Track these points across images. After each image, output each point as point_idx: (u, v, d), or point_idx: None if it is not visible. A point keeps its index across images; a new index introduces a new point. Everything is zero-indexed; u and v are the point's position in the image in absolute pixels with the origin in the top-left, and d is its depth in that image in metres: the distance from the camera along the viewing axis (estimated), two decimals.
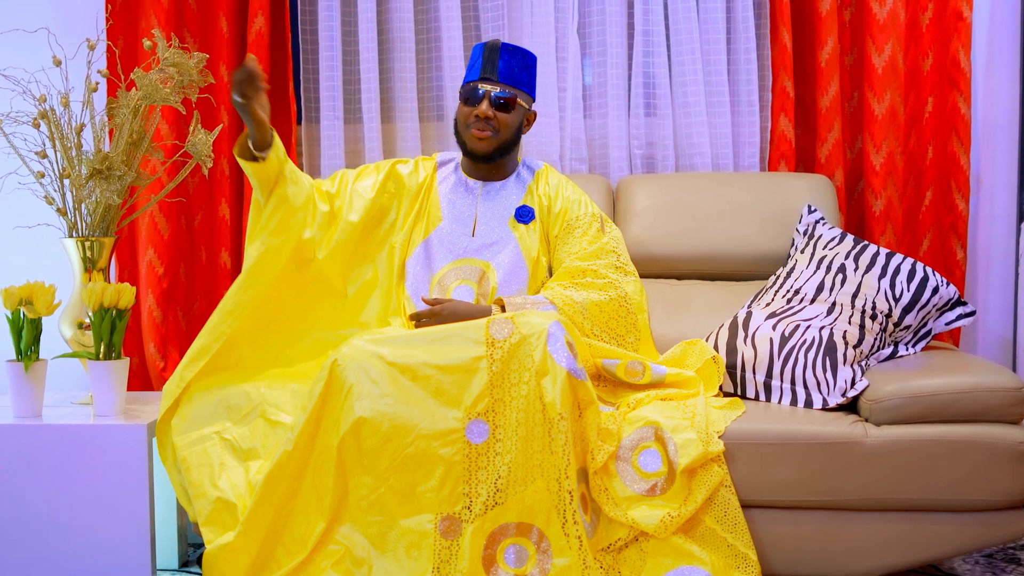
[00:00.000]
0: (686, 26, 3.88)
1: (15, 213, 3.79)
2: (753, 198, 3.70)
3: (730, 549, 2.90)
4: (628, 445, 2.97)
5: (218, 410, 3.05)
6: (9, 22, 3.83)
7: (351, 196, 3.35)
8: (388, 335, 3.04)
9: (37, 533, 3.15)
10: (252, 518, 2.87)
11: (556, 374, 2.85)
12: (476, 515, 2.83)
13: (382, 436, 2.86)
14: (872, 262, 3.31)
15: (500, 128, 3.33)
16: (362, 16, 3.90)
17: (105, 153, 3.31)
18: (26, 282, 3.25)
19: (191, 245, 3.95)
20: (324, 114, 3.94)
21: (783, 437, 2.95)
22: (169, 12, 3.82)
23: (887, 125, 3.82)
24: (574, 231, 3.36)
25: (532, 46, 3.90)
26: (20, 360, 3.24)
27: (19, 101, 3.45)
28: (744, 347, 3.21)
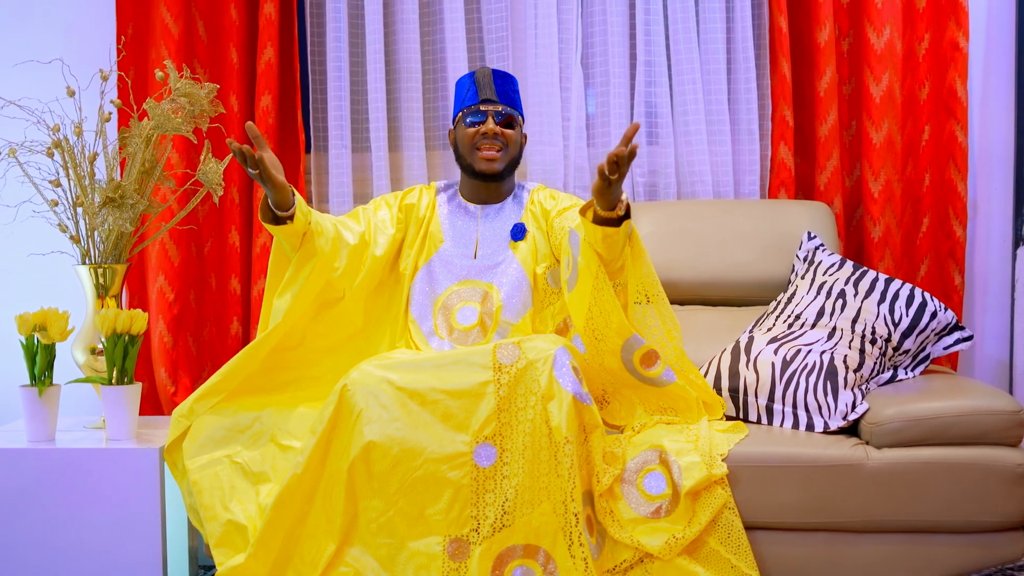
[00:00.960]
0: (687, 56, 3.89)
1: (29, 241, 3.81)
2: (754, 225, 3.71)
3: (734, 570, 2.90)
4: (633, 468, 2.97)
5: (229, 434, 3.05)
6: (24, 53, 3.85)
7: (375, 231, 3.34)
8: (396, 360, 3.04)
9: (52, 555, 3.15)
10: (263, 540, 2.88)
11: (562, 398, 2.86)
12: (484, 537, 2.83)
13: (392, 460, 2.87)
14: (871, 288, 3.32)
15: (508, 143, 3.34)
16: (370, 47, 3.91)
17: (118, 182, 3.32)
18: (40, 308, 3.26)
19: (201, 272, 3.96)
20: (332, 143, 3.95)
21: (785, 460, 2.95)
22: (180, 43, 3.84)
23: (885, 153, 3.84)
24: (574, 206, 3.31)
25: (536, 76, 3.92)
26: (34, 385, 3.25)
27: (33, 131, 3.46)
28: (746, 371, 3.21)
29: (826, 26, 3.82)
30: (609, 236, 2.96)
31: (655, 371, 3.08)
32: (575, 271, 3.07)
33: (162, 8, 3.83)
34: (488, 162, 3.33)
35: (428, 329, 3.33)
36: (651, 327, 3.12)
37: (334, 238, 3.18)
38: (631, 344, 3.05)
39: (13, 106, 3.43)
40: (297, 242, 3.12)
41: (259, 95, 3.87)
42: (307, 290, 3.12)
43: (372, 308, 3.36)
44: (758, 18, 3.93)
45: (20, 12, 3.97)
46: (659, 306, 3.14)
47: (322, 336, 3.24)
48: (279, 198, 3.02)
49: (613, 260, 3.02)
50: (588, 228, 2.98)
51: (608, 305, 3.02)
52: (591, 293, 3.03)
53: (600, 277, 3.01)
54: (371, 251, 3.31)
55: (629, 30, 3.96)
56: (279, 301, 3.12)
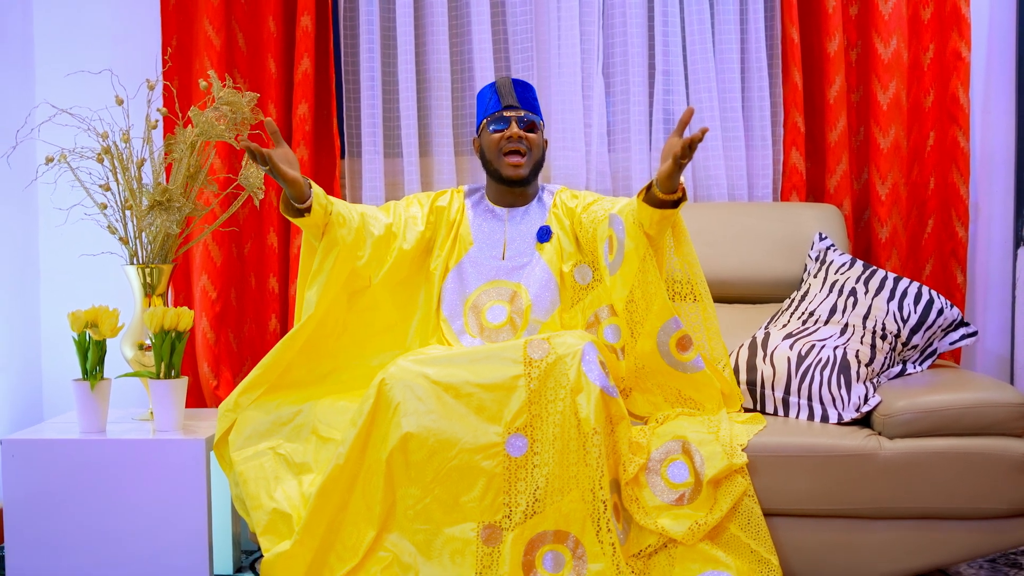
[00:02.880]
0: (703, 66, 3.89)
1: (78, 242, 3.82)
2: (767, 226, 3.72)
3: (753, 555, 2.90)
4: (657, 458, 2.97)
5: (272, 427, 3.06)
6: (71, 63, 3.86)
7: (405, 225, 3.34)
8: (431, 355, 3.05)
9: (103, 540, 3.16)
10: (307, 527, 2.88)
11: (590, 391, 2.87)
12: (516, 523, 2.84)
13: (428, 450, 2.87)
14: (881, 286, 3.32)
15: (532, 147, 3.34)
16: (401, 57, 3.92)
17: (165, 186, 3.33)
18: (91, 306, 3.26)
19: (241, 271, 3.96)
20: (365, 149, 3.95)
21: (802, 450, 2.96)
22: (221, 54, 3.84)
23: (892, 158, 3.84)
24: (600, 200, 3.32)
25: (559, 85, 3.92)
26: (86, 379, 3.25)
27: (83, 137, 3.47)
28: (763, 365, 3.21)
29: (836, 37, 3.82)
30: (666, 217, 2.99)
31: (688, 356, 3.08)
32: (620, 253, 3.08)
33: (205, 21, 3.83)
34: (514, 168, 3.33)
35: (459, 327, 3.33)
36: (693, 324, 3.13)
37: (358, 227, 3.19)
38: (669, 326, 3.06)
39: (64, 114, 3.44)
40: (319, 232, 3.13)
41: (296, 103, 3.87)
42: (333, 279, 3.12)
43: (402, 303, 3.36)
44: (771, 29, 3.93)
45: (69, 24, 3.98)
46: (704, 304, 3.15)
47: (357, 326, 3.24)
48: (294, 192, 3.02)
49: (660, 239, 3.05)
50: (644, 211, 3.00)
51: (652, 287, 3.04)
52: (636, 274, 3.04)
53: (647, 259, 3.03)
54: (399, 243, 3.31)
55: (648, 41, 3.96)
56: (309, 292, 3.13)
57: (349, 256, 3.15)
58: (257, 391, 3.09)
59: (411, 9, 3.92)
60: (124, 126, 3.49)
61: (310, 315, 3.10)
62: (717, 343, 3.19)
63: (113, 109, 3.57)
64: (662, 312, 3.05)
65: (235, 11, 3.92)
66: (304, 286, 3.18)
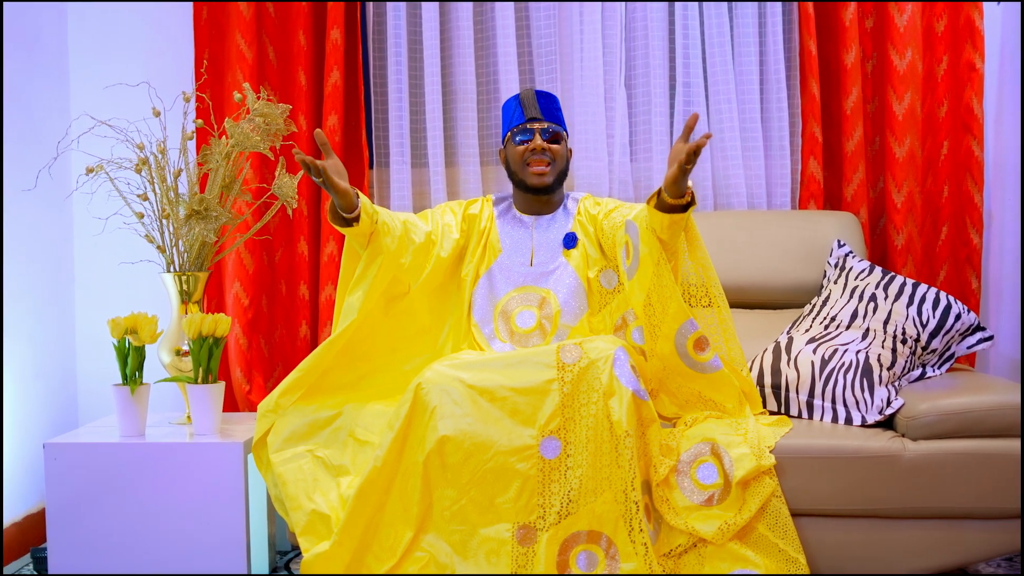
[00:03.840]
0: (723, 78, 3.91)
1: (114, 251, 3.83)
2: (786, 234, 3.72)
3: (781, 554, 2.91)
4: (687, 459, 2.98)
5: (310, 430, 3.06)
6: (106, 76, 3.88)
7: (442, 233, 3.36)
8: (465, 360, 3.05)
9: (143, 541, 3.16)
10: (346, 528, 2.89)
11: (622, 395, 2.87)
12: (550, 524, 2.84)
13: (464, 452, 2.88)
14: (900, 292, 3.33)
15: (556, 158, 3.35)
16: (428, 70, 3.93)
17: (202, 195, 3.33)
18: (130, 313, 3.27)
19: (272, 279, 3.97)
20: (393, 159, 3.96)
21: (828, 451, 2.96)
22: (253, 67, 3.85)
23: (907, 167, 3.85)
24: (619, 207, 3.33)
25: (582, 97, 3.93)
26: (126, 384, 3.25)
27: (119, 148, 3.47)
28: (788, 369, 3.22)
29: (852, 49, 3.83)
30: (676, 222, 2.99)
31: (706, 356, 3.08)
32: (636, 258, 3.09)
33: (237, 35, 3.84)
34: (539, 176, 3.34)
35: (489, 332, 3.34)
36: (710, 327, 3.13)
37: (401, 236, 3.20)
38: (686, 328, 3.05)
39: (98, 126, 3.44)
40: (365, 241, 3.15)
41: (326, 115, 3.88)
42: (376, 286, 3.13)
43: (436, 309, 3.37)
44: (789, 42, 3.94)
45: (103, 38, 3.99)
46: (719, 308, 3.14)
47: (392, 330, 3.24)
48: (344, 202, 3.05)
49: (673, 243, 3.05)
50: (655, 216, 3.00)
51: (667, 290, 3.04)
52: (652, 278, 3.05)
53: (661, 263, 3.03)
54: (436, 251, 3.32)
55: (668, 53, 3.97)
56: (351, 298, 3.14)
57: (392, 263, 3.16)
58: (296, 394, 3.09)
59: (437, 23, 3.93)
60: (159, 137, 3.49)
61: (352, 320, 3.11)
62: (734, 345, 3.19)
63: (149, 121, 3.58)
64: (678, 314, 3.06)
65: (266, 25, 3.93)
66: (345, 292, 3.20)
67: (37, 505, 3.69)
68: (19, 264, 3.64)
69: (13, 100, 3.61)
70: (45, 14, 3.84)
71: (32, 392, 3.70)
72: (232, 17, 3.86)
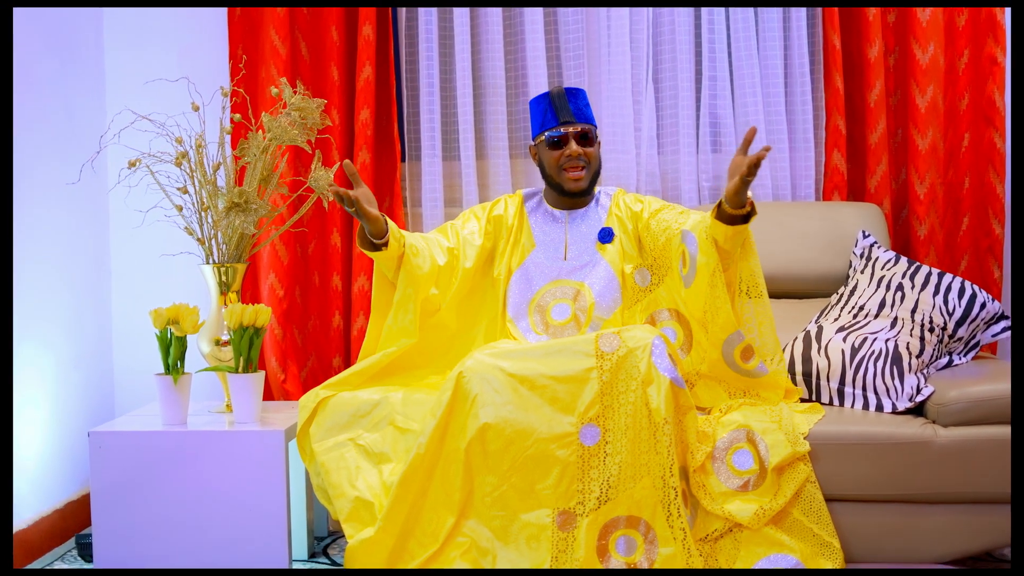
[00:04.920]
0: (749, 72, 3.90)
1: (152, 243, 3.83)
2: (811, 225, 3.72)
3: (816, 538, 2.92)
4: (722, 446, 2.98)
5: (352, 419, 3.06)
6: (142, 72, 3.88)
7: (463, 244, 3.36)
8: (505, 349, 3.05)
9: (185, 527, 3.17)
10: (389, 515, 2.89)
11: (660, 383, 2.87)
12: (590, 509, 2.85)
13: (505, 440, 2.88)
14: (926, 281, 3.33)
15: (590, 161, 3.35)
16: (458, 65, 3.92)
17: (242, 188, 3.33)
18: (172, 304, 3.27)
19: (306, 270, 3.97)
20: (424, 152, 3.96)
21: (861, 438, 2.97)
22: (287, 62, 3.85)
23: (929, 159, 3.85)
24: (665, 209, 3.33)
25: (609, 91, 3.93)
26: (168, 374, 3.25)
27: (156, 143, 3.46)
28: (818, 357, 3.22)
29: (875, 43, 3.83)
30: (738, 232, 3.00)
31: (752, 364, 3.10)
32: (693, 268, 3.09)
33: (271, 31, 3.84)
34: (575, 181, 3.34)
35: (525, 327, 3.34)
36: (746, 316, 3.13)
37: (431, 259, 3.24)
38: (733, 339, 3.08)
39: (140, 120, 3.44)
40: (394, 265, 3.17)
41: (358, 109, 3.87)
42: (417, 306, 3.18)
43: (470, 314, 3.39)
44: (813, 36, 3.93)
45: (138, 37, 3.98)
46: (758, 302, 3.15)
47: (426, 344, 3.26)
48: (374, 228, 3.08)
49: (734, 252, 3.06)
50: (718, 228, 3.00)
51: (719, 301, 3.05)
52: (707, 290, 3.05)
53: (716, 274, 3.04)
54: (461, 264, 3.33)
55: (695, 48, 3.96)
56: (403, 318, 3.17)
57: (425, 285, 3.21)
58: (339, 389, 3.11)
59: (467, 19, 3.93)
60: (197, 132, 3.49)
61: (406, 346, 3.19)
62: (768, 335, 3.18)
63: (187, 115, 3.57)
64: (726, 325, 3.07)
65: (298, 21, 3.92)
66: (381, 315, 3.23)
67: (78, 492, 3.69)
68: (58, 257, 3.64)
69: (51, 98, 3.61)
70: (82, 17, 3.84)
71: (71, 382, 3.70)
72: (266, 14, 3.85)
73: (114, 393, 4.02)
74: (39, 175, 3.49)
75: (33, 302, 3.45)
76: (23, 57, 3.42)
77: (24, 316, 3.38)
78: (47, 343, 3.55)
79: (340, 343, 3.96)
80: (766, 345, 3.16)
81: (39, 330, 3.51)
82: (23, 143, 3.39)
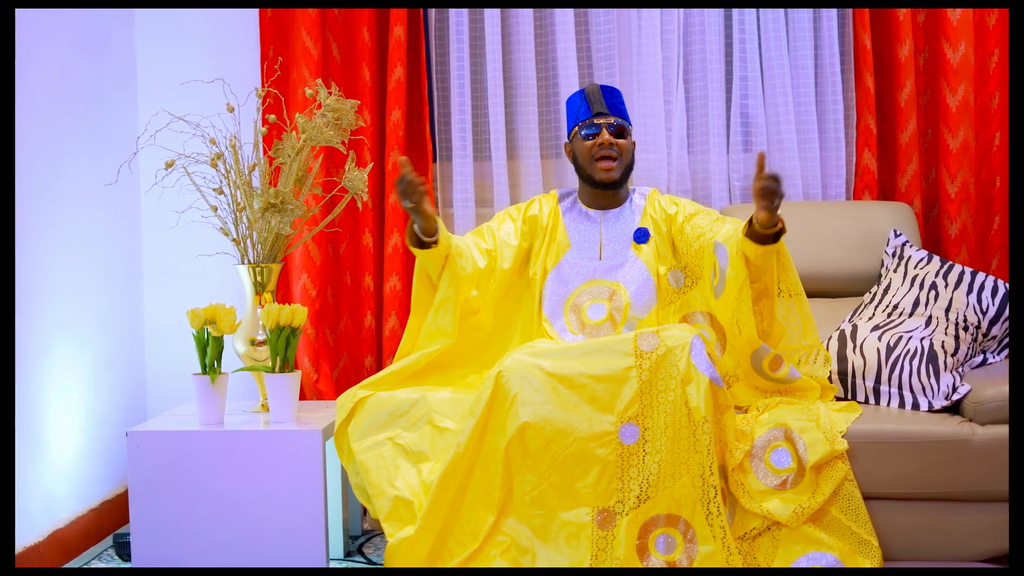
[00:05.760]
0: (779, 71, 3.92)
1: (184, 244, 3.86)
2: (843, 224, 3.74)
3: (854, 536, 2.94)
4: (760, 444, 3.00)
5: (390, 418, 3.08)
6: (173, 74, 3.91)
7: (500, 246, 3.38)
8: (543, 348, 3.08)
9: (223, 527, 3.19)
10: (429, 514, 2.91)
11: (700, 382, 2.90)
12: (629, 508, 2.87)
13: (544, 438, 2.91)
14: (960, 280, 3.35)
15: (622, 152, 3.37)
16: (489, 65, 3.95)
17: (278, 189, 3.36)
18: (209, 304, 3.30)
19: (337, 270, 3.99)
20: (456, 153, 3.98)
21: (899, 436, 3.00)
22: (318, 63, 3.87)
23: (960, 158, 3.86)
24: (698, 214, 3.35)
25: (640, 91, 3.95)
26: (205, 373, 3.28)
27: (192, 143, 3.49)
28: (854, 356, 3.24)
29: (906, 42, 3.84)
30: (769, 251, 3.03)
31: (781, 373, 3.14)
32: (722, 281, 3.13)
33: (303, 32, 3.86)
34: (606, 172, 3.36)
35: (560, 326, 3.36)
36: (792, 323, 3.16)
37: (473, 260, 3.26)
38: (759, 353, 3.13)
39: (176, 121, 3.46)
40: (439, 264, 3.19)
41: (389, 110, 3.90)
42: (458, 307, 3.20)
43: (501, 311, 3.41)
44: (843, 36, 3.95)
45: (169, 35, 4.01)
46: (799, 303, 3.17)
47: (463, 346, 3.29)
48: (427, 226, 3.11)
49: (763, 268, 3.09)
50: (748, 245, 3.03)
51: (744, 316, 3.09)
52: (733, 304, 3.09)
53: (744, 290, 3.07)
54: (499, 266, 3.36)
55: (725, 48, 3.98)
56: (441, 320, 3.19)
57: (467, 287, 3.23)
58: (377, 389, 3.14)
59: (498, 19, 3.95)
60: (231, 132, 3.52)
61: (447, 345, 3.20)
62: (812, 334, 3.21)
63: (223, 116, 3.60)
64: (751, 340, 3.11)
65: (329, 22, 3.95)
66: (420, 316, 3.25)
67: (113, 491, 3.72)
68: (93, 257, 3.67)
69: (85, 99, 3.64)
70: (114, 17, 3.87)
71: (105, 381, 3.73)
72: (298, 15, 3.88)
73: (146, 393, 4.05)
74: (73, 174, 3.52)
75: (70, 299, 3.49)
76: (57, 56, 3.46)
77: (62, 313, 3.43)
78: (85, 340, 3.59)
79: (372, 343, 3.98)
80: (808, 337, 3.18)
81: (77, 327, 3.54)
82: (57, 142, 3.43)
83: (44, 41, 3.38)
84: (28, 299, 3.24)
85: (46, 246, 3.35)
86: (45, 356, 3.34)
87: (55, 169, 3.41)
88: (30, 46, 3.28)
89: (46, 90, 3.39)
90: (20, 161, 3.20)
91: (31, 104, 3.28)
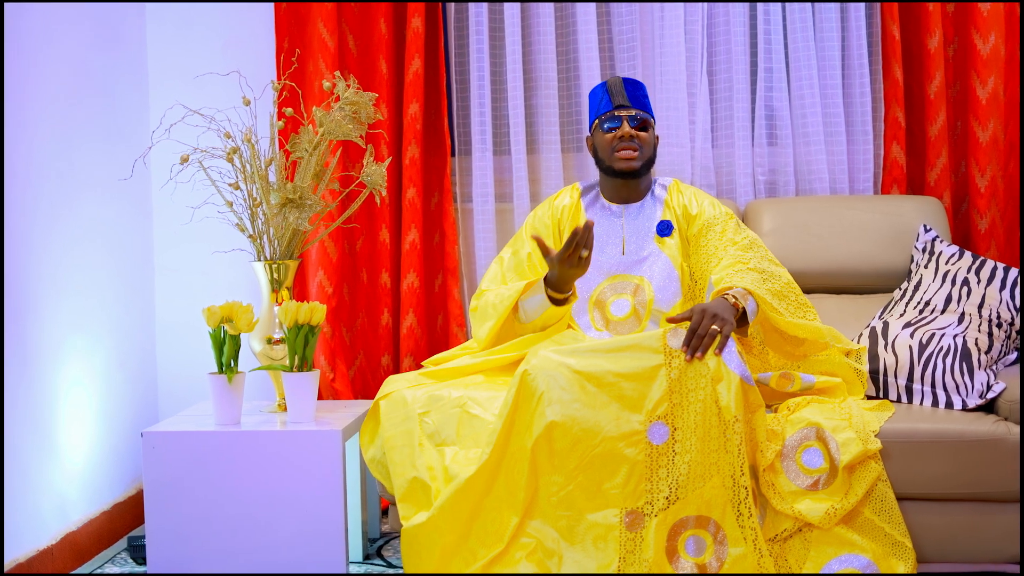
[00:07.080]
0: (806, 63, 3.90)
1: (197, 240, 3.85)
2: (870, 219, 3.72)
3: (887, 538, 2.92)
4: (791, 444, 2.98)
5: (428, 401, 3.07)
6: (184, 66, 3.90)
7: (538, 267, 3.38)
8: (570, 346, 3.05)
9: (240, 528, 3.17)
10: (448, 509, 2.90)
11: (730, 380, 2.87)
12: (658, 509, 2.84)
13: (572, 438, 2.88)
14: (992, 276, 3.33)
15: (643, 145, 3.35)
16: (509, 58, 3.93)
17: (296, 184, 3.33)
18: (226, 302, 3.27)
19: (353, 267, 3.98)
20: (475, 147, 3.96)
21: (933, 435, 2.98)
22: (335, 56, 3.86)
23: (990, 151, 3.84)
24: (713, 228, 3.34)
25: (663, 83, 3.93)
26: (222, 372, 3.26)
27: (206, 137, 3.47)
28: (885, 354, 3.22)
29: (936, 33, 3.82)
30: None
31: (794, 387, 3.13)
32: None
33: (319, 24, 3.85)
34: (626, 161, 3.34)
35: (584, 323, 3.35)
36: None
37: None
38: (763, 377, 3.15)
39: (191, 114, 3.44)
40: (555, 320, 3.26)
41: (407, 103, 3.89)
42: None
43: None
44: (871, 26, 3.93)
45: (181, 28, 4.00)
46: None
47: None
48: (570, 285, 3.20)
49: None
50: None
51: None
52: None
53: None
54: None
55: (750, 39, 3.96)
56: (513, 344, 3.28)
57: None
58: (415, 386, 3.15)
59: (518, 10, 3.94)
60: (247, 126, 3.50)
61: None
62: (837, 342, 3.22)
63: (239, 109, 3.58)
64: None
65: (346, 14, 3.94)
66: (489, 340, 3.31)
67: (125, 493, 3.71)
68: (105, 253, 3.66)
69: (97, 93, 3.63)
70: (126, 10, 3.86)
71: (117, 380, 3.72)
72: (314, 7, 3.86)
73: (158, 391, 4.04)
74: (85, 169, 3.51)
75: (83, 295, 3.49)
76: (69, 50, 3.44)
77: (74, 309, 3.42)
78: (97, 337, 3.58)
79: (389, 341, 3.97)
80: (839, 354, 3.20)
81: (89, 324, 3.53)
82: (69, 137, 3.42)
83: (55, 35, 3.37)
84: (40, 295, 3.23)
85: (58, 242, 3.34)
86: (57, 353, 3.33)
87: (68, 164, 3.40)
88: (41, 40, 3.27)
89: (58, 84, 3.38)
90: (32, 156, 3.19)
91: (43, 98, 3.27)
